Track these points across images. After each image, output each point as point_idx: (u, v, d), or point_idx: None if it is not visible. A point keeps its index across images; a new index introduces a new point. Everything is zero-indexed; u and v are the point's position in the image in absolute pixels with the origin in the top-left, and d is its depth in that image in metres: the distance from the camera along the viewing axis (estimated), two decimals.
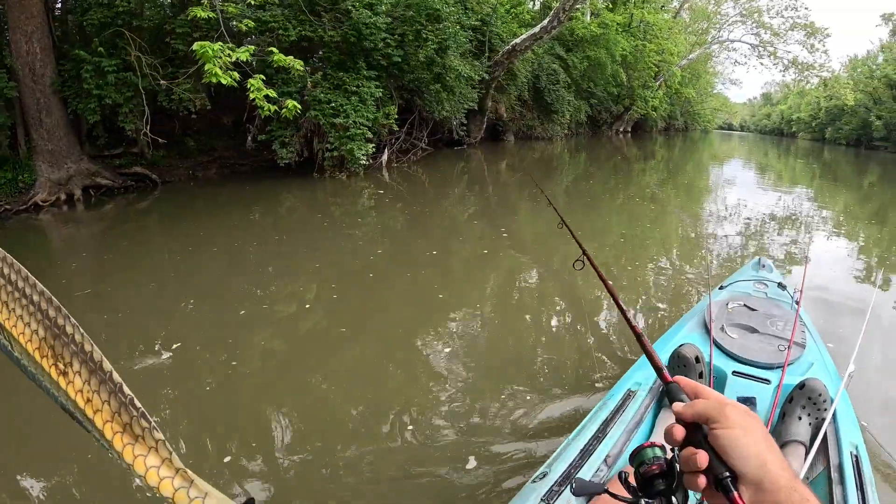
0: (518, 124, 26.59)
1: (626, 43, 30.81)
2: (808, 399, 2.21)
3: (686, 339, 2.76)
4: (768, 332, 2.85)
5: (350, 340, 4.80)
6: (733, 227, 9.69)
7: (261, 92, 9.12)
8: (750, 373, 2.52)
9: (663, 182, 17.02)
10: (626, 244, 8.36)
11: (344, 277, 6.62)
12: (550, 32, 20.11)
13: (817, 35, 37.14)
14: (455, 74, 16.04)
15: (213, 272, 6.93)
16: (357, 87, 13.16)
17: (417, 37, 14.31)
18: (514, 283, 6.65)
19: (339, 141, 12.82)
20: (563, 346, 4.71)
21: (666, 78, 38.62)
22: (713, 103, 71.53)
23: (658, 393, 2.44)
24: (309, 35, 13.03)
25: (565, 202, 11.83)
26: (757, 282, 3.64)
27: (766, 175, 21.71)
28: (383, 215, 10.34)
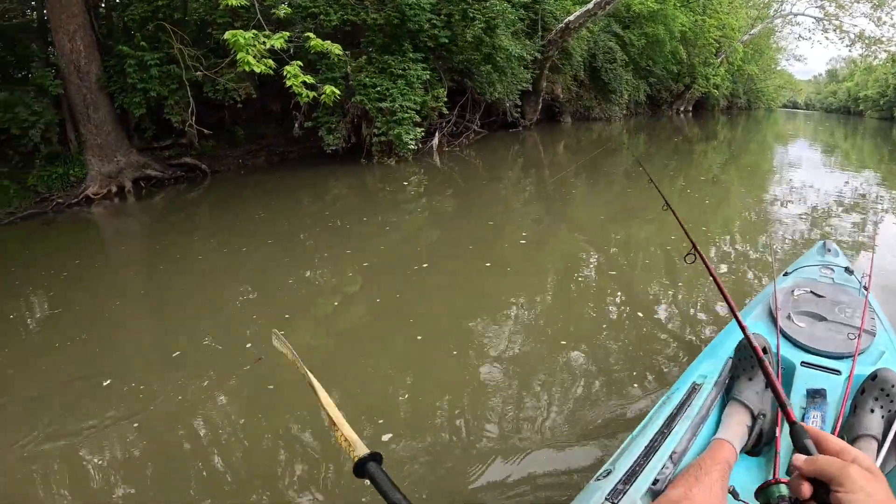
0: (575, 105, 25.76)
1: (685, 18, 29.64)
2: (881, 390, 2.06)
3: (752, 329, 2.53)
4: (837, 319, 2.68)
5: (406, 330, 4.73)
6: (798, 211, 9.21)
7: (297, 78, 8.74)
8: (819, 363, 2.38)
9: (725, 163, 16.34)
10: (689, 229, 7.63)
11: (392, 267, 6.41)
12: (605, 8, 19.30)
13: (884, 7, 35.48)
14: (506, 54, 15.43)
15: (262, 263, 6.78)
16: (403, 71, 12.75)
17: (464, 16, 13.73)
18: (572, 271, 6.27)
19: (385, 126, 12.44)
20: (624, 337, 4.48)
21: (727, 54, 37.27)
22: (777, 80, 69.34)
23: (723, 386, 2.29)
24: (351, 19, 12.62)
25: (624, 185, 11.49)
26: (823, 266, 3.45)
27: (833, 156, 20.69)
28: (433, 201, 9.98)
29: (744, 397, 2.12)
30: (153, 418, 3.50)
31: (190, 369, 4.10)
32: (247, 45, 8.23)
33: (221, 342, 4.57)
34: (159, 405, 3.64)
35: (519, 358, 4.13)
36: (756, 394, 2.13)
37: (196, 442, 3.35)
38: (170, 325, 5.21)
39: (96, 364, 4.29)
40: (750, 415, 2.07)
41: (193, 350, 4.45)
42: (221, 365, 4.15)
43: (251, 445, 3.26)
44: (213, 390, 3.82)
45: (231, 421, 3.50)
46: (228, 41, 8.22)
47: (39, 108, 10.69)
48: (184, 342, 4.64)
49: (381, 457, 1.12)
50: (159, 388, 3.83)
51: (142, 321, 5.45)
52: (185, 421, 3.50)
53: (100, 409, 3.64)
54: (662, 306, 5.19)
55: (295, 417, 3.48)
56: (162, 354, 4.44)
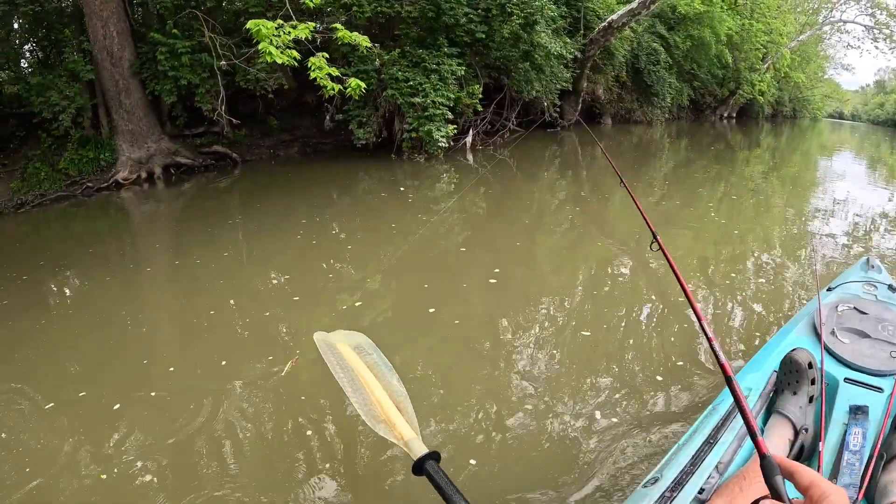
0: (616, 106, 25.23)
1: (731, 21, 28.96)
2: None
3: (796, 343, 2.65)
4: (880, 337, 2.68)
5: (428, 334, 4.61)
6: (841, 225, 8.94)
7: (322, 70, 8.56)
8: (862, 380, 2.39)
9: (768, 172, 15.83)
10: (727, 238, 7.82)
11: (416, 267, 6.22)
12: (649, 8, 18.72)
13: None
14: (544, 52, 14.91)
15: (288, 255, 6.80)
16: (437, 66, 12.41)
17: (502, 11, 13.33)
18: (608, 276, 6.10)
19: (416, 122, 12.12)
20: (667, 344, 4.39)
21: (774, 60, 36.40)
22: (824, 89, 68.21)
23: (768, 398, 2.36)
24: (385, 11, 12.34)
25: (662, 191, 11.17)
26: (866, 283, 3.43)
27: (878, 170, 20.17)
28: (463, 201, 9.63)
29: (787, 411, 2.16)
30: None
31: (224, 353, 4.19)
32: (269, 34, 8.10)
33: (245, 335, 4.58)
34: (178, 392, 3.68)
35: (553, 364, 4.04)
36: (800, 408, 2.17)
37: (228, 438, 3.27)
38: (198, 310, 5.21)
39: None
40: (792, 428, 2.11)
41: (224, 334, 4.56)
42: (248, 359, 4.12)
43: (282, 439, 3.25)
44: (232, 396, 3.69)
45: (254, 422, 3.41)
46: (251, 30, 8.07)
47: (71, 92, 10.77)
48: (217, 327, 4.73)
49: (440, 456, 1.23)
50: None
51: (169, 309, 5.47)
52: (208, 422, 3.40)
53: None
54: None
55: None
56: (192, 337, 4.64)
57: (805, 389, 2.23)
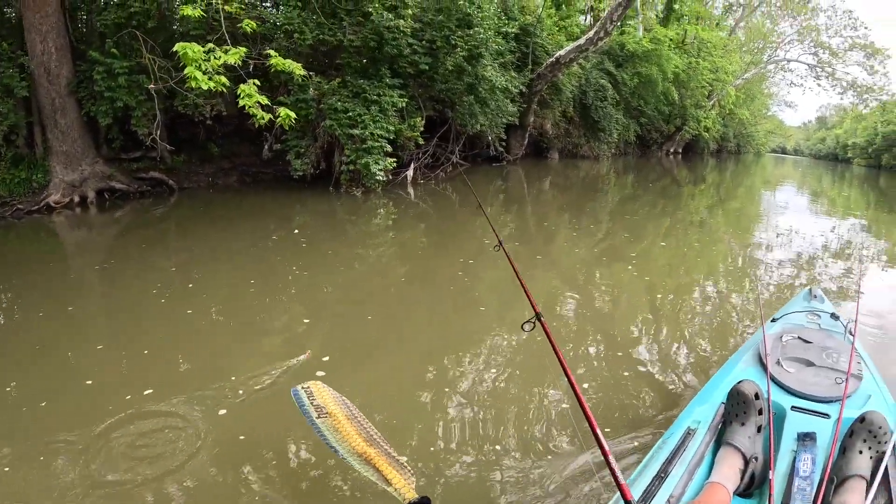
0: (563, 141, 25.23)
1: (678, 60, 29.46)
2: (869, 432, 2.14)
3: (742, 375, 2.75)
4: (825, 364, 2.82)
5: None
6: (784, 256, 9.24)
7: (252, 98, 8.13)
8: (809, 407, 2.50)
9: (713, 207, 16.09)
10: (673, 271, 7.96)
11: (343, 312, 5.80)
12: (596, 45, 18.76)
13: (877, 56, 35.84)
14: (489, 85, 14.67)
15: (216, 290, 6.28)
16: (378, 97, 12.03)
17: (447, 43, 13.10)
18: (549, 311, 5.82)
19: (354, 154, 11.66)
20: (614, 381, 4.32)
21: (719, 98, 37.17)
22: (767, 126, 70.40)
23: (717, 430, 2.41)
24: (327, 39, 11.96)
25: (608, 226, 11.10)
26: (809, 313, 3.59)
27: (820, 202, 21.00)
28: (401, 236, 9.30)
29: (736, 441, 2.20)
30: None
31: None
32: (198, 59, 7.70)
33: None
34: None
35: (491, 405, 3.90)
36: (748, 438, 2.23)
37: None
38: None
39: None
40: (742, 458, 2.16)
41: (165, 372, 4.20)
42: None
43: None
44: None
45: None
46: (179, 53, 7.65)
47: (5, 108, 10.39)
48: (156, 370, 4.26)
49: (430, 500, 1.45)
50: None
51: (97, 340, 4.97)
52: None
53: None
54: (649, 349, 5.03)
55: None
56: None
57: (753, 420, 2.28)
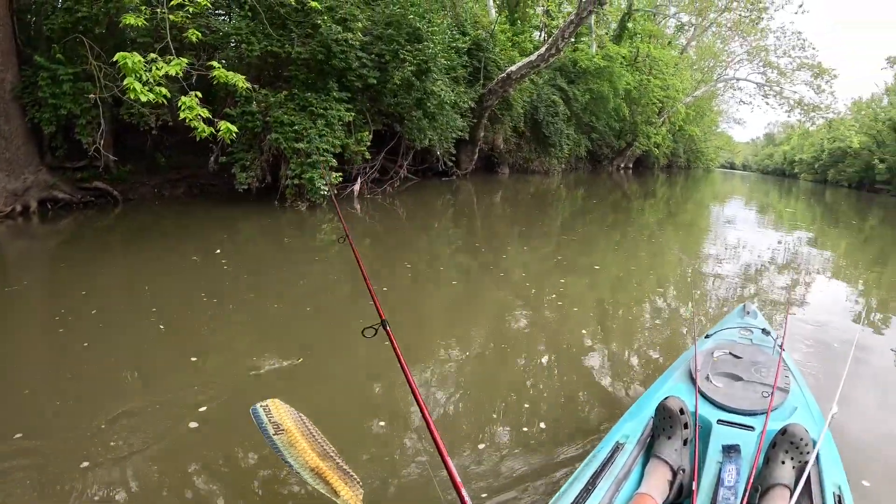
0: (514, 156, 25.34)
1: (630, 77, 29.91)
2: (791, 443, 2.24)
3: (672, 391, 2.82)
4: (753, 378, 2.90)
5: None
6: (728, 271, 9.43)
7: (193, 111, 7.88)
8: (734, 420, 2.59)
9: (662, 221, 16.28)
10: (619, 286, 8.03)
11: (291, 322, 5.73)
12: (548, 61, 18.89)
13: (824, 76, 36.86)
14: (438, 100, 14.61)
15: (159, 304, 6.01)
16: (324, 110, 11.86)
17: (395, 57, 13.00)
18: (494, 324, 5.99)
19: (299, 168, 11.47)
20: (546, 396, 4.36)
21: (670, 115, 37.83)
22: (717, 142, 71.93)
23: (645, 444, 2.49)
24: (275, 50, 11.77)
25: (558, 240, 11.15)
26: (742, 328, 3.68)
27: (766, 216, 21.52)
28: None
29: (664, 454, 2.30)
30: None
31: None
32: (138, 69, 7.40)
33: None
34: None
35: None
36: (675, 451, 2.32)
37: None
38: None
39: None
40: (670, 470, 2.25)
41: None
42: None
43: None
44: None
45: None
46: (119, 63, 7.37)
47: None
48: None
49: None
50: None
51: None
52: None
53: None
54: (591, 365, 5.02)
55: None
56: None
57: (679, 433, 2.37)
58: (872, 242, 16.01)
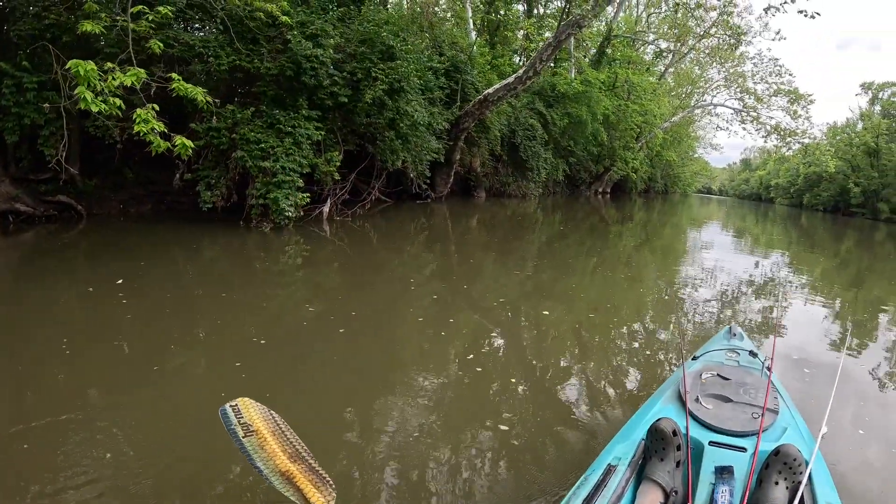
0: (491, 180, 25.06)
1: (608, 102, 29.96)
2: (784, 464, 2.23)
3: (662, 413, 2.80)
4: (742, 400, 2.89)
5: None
6: (708, 294, 9.44)
7: (148, 124, 7.48)
8: (726, 442, 2.56)
9: (640, 245, 16.22)
10: (600, 310, 7.86)
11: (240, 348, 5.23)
12: (525, 83, 18.69)
13: (801, 101, 37.29)
14: (411, 121, 14.23)
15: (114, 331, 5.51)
16: (293, 128, 11.45)
17: (367, 75, 12.65)
18: (471, 351, 5.61)
19: (264, 188, 11.04)
20: (538, 419, 4.22)
21: (647, 140, 37.94)
22: (694, 167, 72.73)
23: (637, 466, 2.45)
24: (244, 65, 11.40)
25: (535, 264, 10.92)
26: (729, 350, 3.70)
27: (743, 240, 21.74)
28: (311, 276, 8.74)
29: (656, 476, 2.27)
30: None
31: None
32: (91, 78, 7.03)
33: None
34: None
35: (414, 445, 3.69)
36: (668, 473, 2.30)
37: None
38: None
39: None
40: (663, 492, 2.23)
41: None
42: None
43: None
44: None
45: None
46: (72, 71, 7.00)
47: None
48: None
49: None
50: None
51: None
52: None
53: None
54: (575, 387, 4.94)
55: None
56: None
57: (672, 455, 2.35)
58: (848, 265, 16.44)
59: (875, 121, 58.89)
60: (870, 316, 9.17)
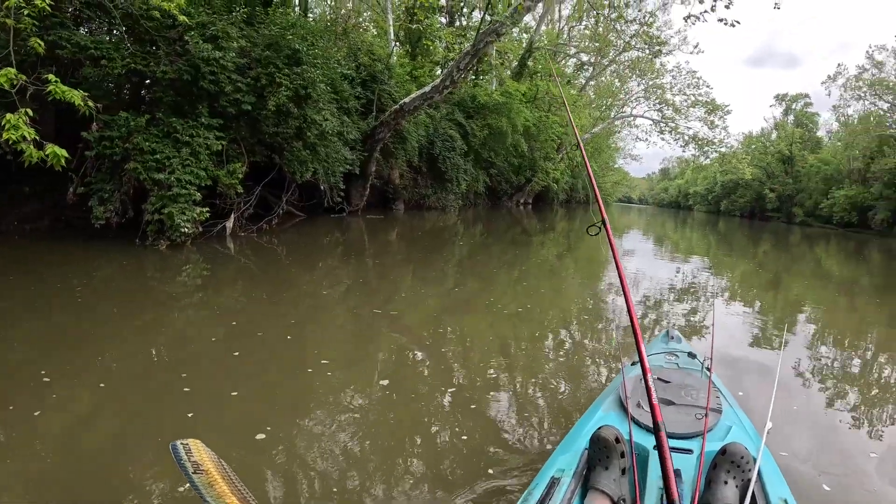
0: (410, 192, 24.63)
1: (529, 113, 30.06)
2: (732, 463, 2.21)
3: (604, 420, 2.76)
4: (684, 402, 2.88)
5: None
6: (636, 299, 9.50)
7: (18, 131, 6.76)
8: (672, 445, 2.45)
9: (563, 254, 16.35)
10: (529, 321, 7.60)
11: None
12: (442, 93, 18.34)
13: (718, 112, 38.48)
14: (319, 130, 13.56)
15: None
16: (190, 138, 10.69)
17: (271, 81, 11.97)
18: (399, 372, 5.37)
19: (159, 202, 10.23)
20: (474, 437, 3.99)
21: (568, 150, 38.22)
22: (614, 177, 74.58)
23: (582, 476, 2.39)
24: (139, 68, 10.58)
25: (456, 277, 10.70)
26: (668, 353, 3.68)
27: (666, 246, 22.42)
28: (211, 300, 7.99)
29: (602, 485, 2.21)
30: None
31: None
32: None
33: None
34: None
35: (335, 476, 3.42)
36: (614, 481, 2.24)
37: None
38: None
39: None
40: (610, 501, 2.18)
41: None
42: None
43: None
44: None
45: None
46: None
47: None
48: None
49: None
50: None
51: None
52: None
53: None
54: (511, 400, 4.76)
55: None
56: None
57: (616, 463, 2.28)
58: (767, 266, 17.33)
59: (789, 130, 62.38)
60: (793, 313, 9.77)
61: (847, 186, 49.97)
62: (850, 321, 9.67)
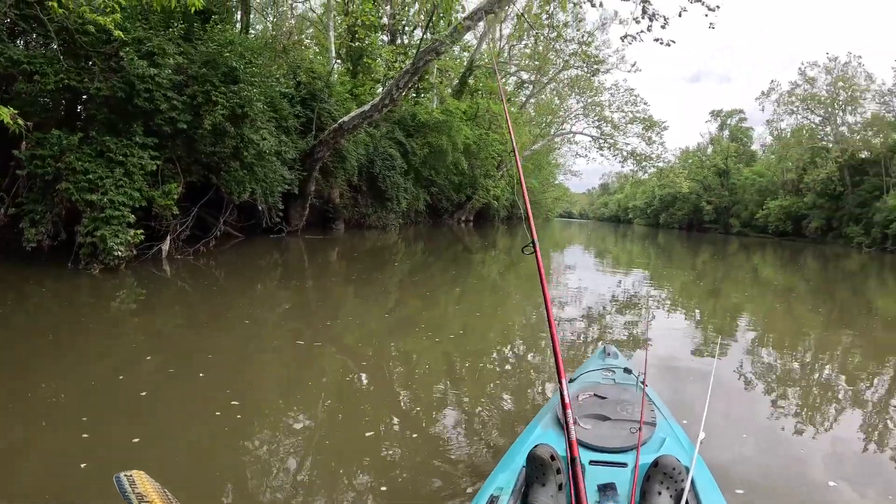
0: (350, 211, 24.52)
1: (469, 131, 30.23)
2: (664, 474, 2.27)
3: (542, 438, 2.80)
4: (620, 417, 2.95)
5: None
6: (577, 314, 9.67)
7: None
8: (606, 459, 2.61)
9: (504, 270, 16.58)
10: (468, 339, 7.73)
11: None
12: (382, 111, 18.34)
13: (655, 128, 39.49)
14: (256, 149, 13.41)
15: None
16: (124, 157, 10.44)
17: (207, 99, 11.78)
18: (339, 394, 5.32)
19: (92, 224, 9.94)
20: (413, 458, 4.00)
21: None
22: (555, 193, 75.48)
23: (520, 494, 2.43)
24: (73, 84, 10.32)
25: (397, 297, 10.78)
26: (604, 370, 3.75)
27: (605, 259, 23.00)
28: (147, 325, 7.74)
29: (540, 502, 2.28)
30: None
31: None
32: None
33: None
34: None
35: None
36: (551, 497, 2.30)
37: None
38: None
39: None
40: None
41: None
42: None
43: None
44: None
45: None
46: None
47: None
48: None
49: None
50: None
51: None
52: None
53: None
54: (450, 420, 4.78)
55: None
56: None
57: (552, 479, 2.33)
58: (705, 276, 17.85)
59: (724, 144, 64.62)
60: (732, 321, 10.10)
61: (781, 197, 52.22)
62: (786, 326, 10.06)
